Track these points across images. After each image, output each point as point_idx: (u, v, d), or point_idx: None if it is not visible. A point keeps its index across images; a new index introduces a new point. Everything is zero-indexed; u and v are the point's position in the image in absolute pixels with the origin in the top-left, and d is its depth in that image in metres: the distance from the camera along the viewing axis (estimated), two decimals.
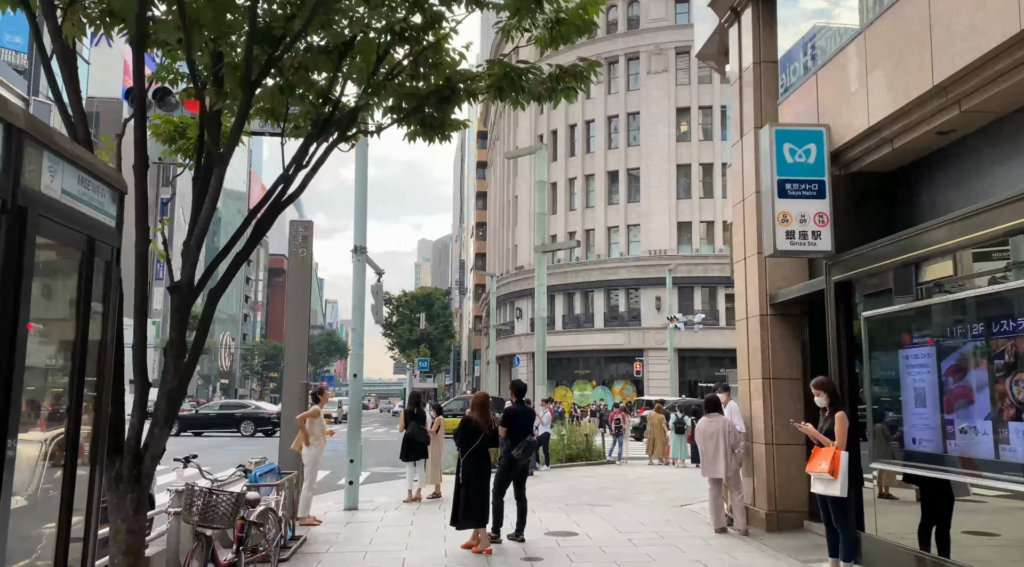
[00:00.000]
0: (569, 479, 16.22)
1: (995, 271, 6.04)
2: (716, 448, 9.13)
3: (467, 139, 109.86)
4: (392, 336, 73.79)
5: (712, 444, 9.16)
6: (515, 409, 8.79)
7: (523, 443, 8.44)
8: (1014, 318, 5.36)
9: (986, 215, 5.63)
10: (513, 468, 8.61)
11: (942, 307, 6.36)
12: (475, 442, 8.13)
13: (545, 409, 19.58)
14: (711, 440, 9.17)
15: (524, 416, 8.81)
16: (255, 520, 5.88)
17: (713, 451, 9.15)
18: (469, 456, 8.14)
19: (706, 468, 9.21)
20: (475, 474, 8.09)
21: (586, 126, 51.53)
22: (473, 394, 8.67)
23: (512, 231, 57.06)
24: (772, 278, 9.38)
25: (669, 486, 14.61)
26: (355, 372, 11.36)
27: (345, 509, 10.99)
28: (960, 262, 6.37)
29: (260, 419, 32.80)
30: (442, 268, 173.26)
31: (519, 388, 9.00)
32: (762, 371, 9.30)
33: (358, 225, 11.47)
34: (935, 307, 6.45)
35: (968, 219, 5.84)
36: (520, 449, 8.42)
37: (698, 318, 39.22)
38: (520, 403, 8.94)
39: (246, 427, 32.50)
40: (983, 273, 6.22)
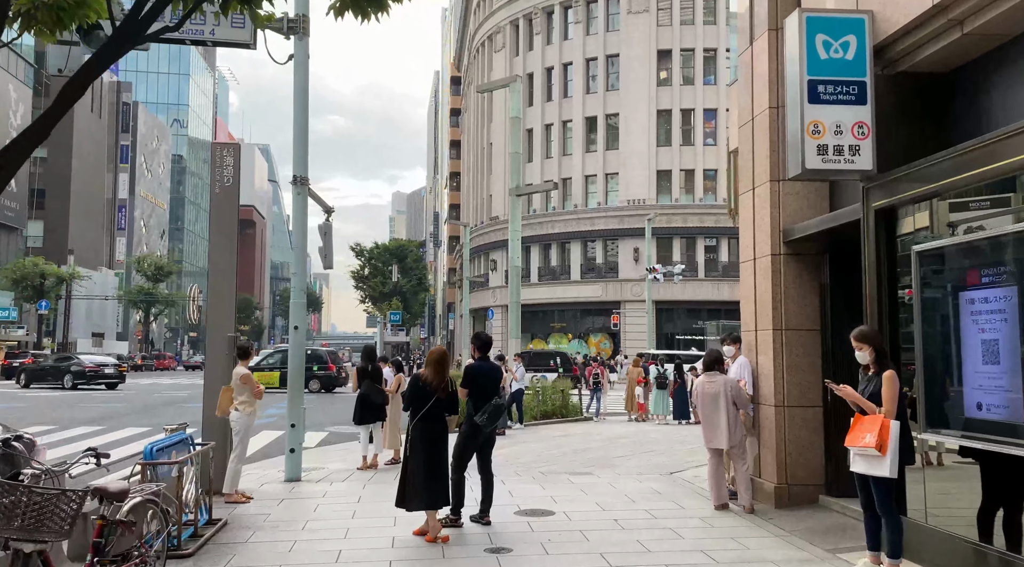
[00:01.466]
0: (545, 439, 14.89)
1: None
2: (717, 412, 7.70)
3: (440, 87, 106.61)
4: (364, 289, 72.02)
5: (713, 407, 7.73)
6: (478, 366, 7.29)
7: (488, 407, 6.97)
8: None
9: None
10: (476, 437, 7.15)
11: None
12: (425, 406, 6.65)
13: (519, 364, 18.18)
14: (712, 403, 7.74)
15: (489, 375, 7.32)
16: (124, 519, 4.34)
17: (714, 416, 7.73)
18: (417, 422, 6.67)
19: (707, 436, 7.80)
20: (424, 444, 6.62)
21: (563, 69, 49.40)
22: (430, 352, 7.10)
23: (487, 180, 55.16)
24: (787, 210, 7.88)
25: (654, 448, 13.31)
26: (296, 323, 9.76)
27: (285, 480, 9.51)
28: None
29: (78, 373, 32.25)
30: (417, 221, 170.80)
31: (483, 341, 7.47)
32: (772, 321, 7.86)
33: (298, 151, 9.76)
34: (1016, 238, 4.98)
35: None
36: (485, 414, 6.95)
37: (678, 269, 37.95)
38: (484, 359, 7.42)
39: (68, 380, 32.27)
40: None
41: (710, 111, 46.73)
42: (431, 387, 6.69)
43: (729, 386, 7.83)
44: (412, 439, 6.66)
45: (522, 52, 50.47)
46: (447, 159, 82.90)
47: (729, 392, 7.79)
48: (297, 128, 9.66)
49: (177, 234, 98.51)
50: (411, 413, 6.75)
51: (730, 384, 7.80)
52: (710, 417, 7.75)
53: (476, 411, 6.96)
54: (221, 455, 8.18)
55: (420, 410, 6.67)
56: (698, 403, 7.90)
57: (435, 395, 6.67)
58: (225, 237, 8.75)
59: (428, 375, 6.74)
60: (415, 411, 6.70)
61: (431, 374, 6.74)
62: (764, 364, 8.03)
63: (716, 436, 7.70)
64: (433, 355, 6.87)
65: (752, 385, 8.20)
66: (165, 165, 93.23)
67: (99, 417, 19.42)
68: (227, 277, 8.71)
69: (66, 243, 62.05)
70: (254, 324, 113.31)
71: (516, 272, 19.57)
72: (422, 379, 6.74)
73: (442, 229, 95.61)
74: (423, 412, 6.66)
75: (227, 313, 8.66)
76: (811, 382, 7.77)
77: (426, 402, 6.65)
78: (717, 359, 8.10)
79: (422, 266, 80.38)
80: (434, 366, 6.79)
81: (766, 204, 8.00)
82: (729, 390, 7.79)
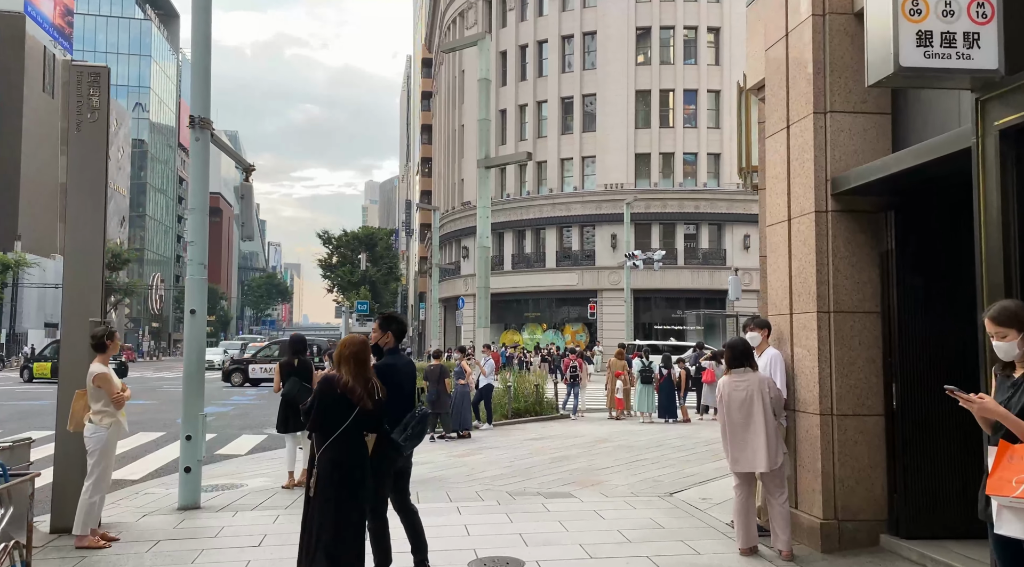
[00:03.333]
0: (516, 443, 12.86)
1: None
2: (751, 424, 5.65)
3: (412, 71, 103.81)
4: (332, 278, 69.44)
5: (744, 417, 5.68)
6: (391, 362, 5.14)
7: (410, 420, 4.86)
8: None
9: None
10: (395, 463, 5.03)
11: None
12: (343, 424, 4.53)
13: (488, 357, 16.13)
14: (743, 411, 5.69)
15: (407, 374, 5.20)
16: None
17: (746, 429, 5.67)
18: (328, 449, 4.55)
19: (734, 455, 5.75)
20: (338, 484, 4.51)
21: (538, 47, 47.21)
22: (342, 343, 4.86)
23: (458, 163, 52.89)
24: (837, 153, 5.87)
25: (643, 454, 11.32)
26: (193, 307, 7.57)
27: (178, 508, 7.37)
28: None
29: None
30: (389, 210, 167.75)
31: (394, 327, 5.25)
32: (816, 301, 5.86)
33: (198, 85, 7.58)
34: None
35: None
36: (407, 431, 4.84)
37: (658, 255, 36.06)
38: (396, 353, 5.22)
39: None
40: None
41: (690, 92, 44.85)
42: (352, 395, 4.57)
43: (766, 387, 5.78)
44: (320, 475, 4.54)
45: (495, 29, 48.18)
46: (419, 144, 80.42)
47: (767, 395, 5.73)
48: (197, 53, 7.48)
49: (139, 221, 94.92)
50: (318, 435, 4.63)
51: (767, 384, 5.79)
52: (740, 431, 5.69)
53: (393, 425, 4.84)
54: (76, 484, 6.03)
55: (335, 430, 4.55)
56: (723, 412, 5.84)
57: (357, 407, 4.56)
58: (86, 192, 6.55)
59: (347, 377, 4.61)
60: (326, 432, 4.57)
61: (350, 375, 4.61)
62: (803, 359, 6.03)
63: (750, 456, 5.64)
64: (348, 348, 4.70)
65: (785, 386, 6.21)
66: (125, 150, 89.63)
67: None
68: (90, 244, 6.53)
69: (15, 229, 58.81)
70: (220, 314, 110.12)
71: (485, 254, 17.49)
72: (338, 385, 4.60)
73: (414, 217, 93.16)
74: (338, 433, 4.54)
75: (89, 291, 6.48)
76: (870, 383, 5.80)
77: (344, 419, 4.53)
78: (746, 351, 5.99)
79: (393, 254, 77.92)
80: (352, 364, 4.65)
81: (808, 145, 5.98)
82: (767, 393, 5.74)
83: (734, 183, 44.14)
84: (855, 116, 5.86)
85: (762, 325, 6.53)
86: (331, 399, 4.54)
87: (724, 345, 6.21)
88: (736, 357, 5.87)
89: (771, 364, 6.24)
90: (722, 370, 18.86)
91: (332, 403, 4.53)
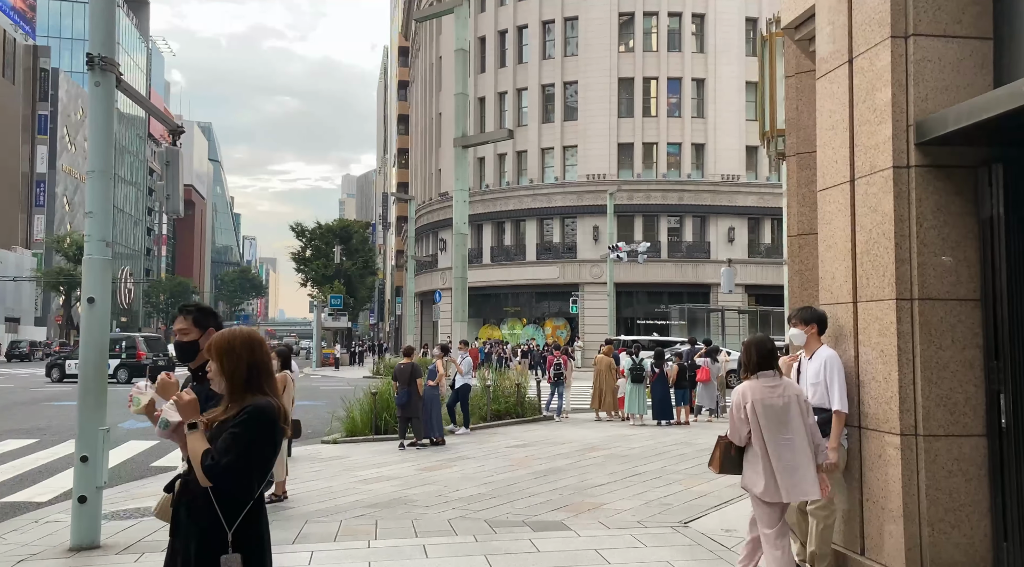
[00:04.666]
0: (496, 451, 11.40)
1: None
2: (791, 440, 4.37)
3: (389, 62, 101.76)
4: (306, 271, 67.44)
5: (780, 433, 4.38)
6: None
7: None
8: None
9: None
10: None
11: None
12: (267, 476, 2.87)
13: (464, 354, 14.64)
14: (782, 422, 4.39)
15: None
16: None
17: (785, 446, 4.37)
18: (256, 516, 2.87)
19: (786, 481, 4.35)
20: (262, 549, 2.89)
21: (518, 32, 45.69)
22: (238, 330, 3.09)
23: (436, 153, 51.26)
24: (922, 89, 4.45)
25: (641, 466, 9.90)
26: (92, 294, 6.00)
27: (69, 549, 5.83)
28: None
29: None
30: (367, 204, 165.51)
31: (215, 322, 3.74)
32: (894, 284, 4.44)
33: (97, 16, 6.03)
34: None
35: None
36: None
37: (643, 247, 34.72)
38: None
39: None
40: None
41: (674, 81, 43.56)
42: (285, 425, 2.92)
43: (804, 396, 4.51)
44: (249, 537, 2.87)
45: (473, 14, 46.51)
46: (395, 135, 78.64)
47: (805, 406, 4.46)
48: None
49: None
50: (242, 500, 2.90)
51: (802, 392, 4.50)
52: (786, 450, 4.34)
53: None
54: None
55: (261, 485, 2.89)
56: (755, 426, 4.42)
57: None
58: None
59: (277, 400, 2.93)
60: (256, 490, 2.90)
61: (274, 394, 2.94)
62: (873, 362, 4.62)
63: (799, 482, 4.32)
64: (256, 347, 3.05)
65: (846, 398, 4.80)
66: None
67: None
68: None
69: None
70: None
71: (462, 242, 16.00)
72: (280, 414, 2.95)
73: (391, 210, 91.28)
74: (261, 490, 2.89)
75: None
76: (968, 394, 4.39)
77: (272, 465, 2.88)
78: (774, 352, 4.63)
79: (369, 248, 76.00)
80: (268, 374, 3.02)
81: (882, 81, 4.55)
82: (805, 403, 4.47)
83: (718, 174, 42.99)
84: (947, 41, 4.44)
85: (808, 319, 5.09)
86: (271, 429, 2.87)
87: (744, 343, 4.82)
88: (764, 357, 4.51)
89: (825, 369, 4.83)
90: (720, 369, 17.50)
91: (271, 436, 2.87)
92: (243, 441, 2.57)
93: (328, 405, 17.39)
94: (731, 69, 43.29)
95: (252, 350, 2.72)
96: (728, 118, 43.13)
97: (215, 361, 2.71)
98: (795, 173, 7.18)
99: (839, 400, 4.77)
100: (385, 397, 13.45)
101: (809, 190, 7.05)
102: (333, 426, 13.81)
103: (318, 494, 8.29)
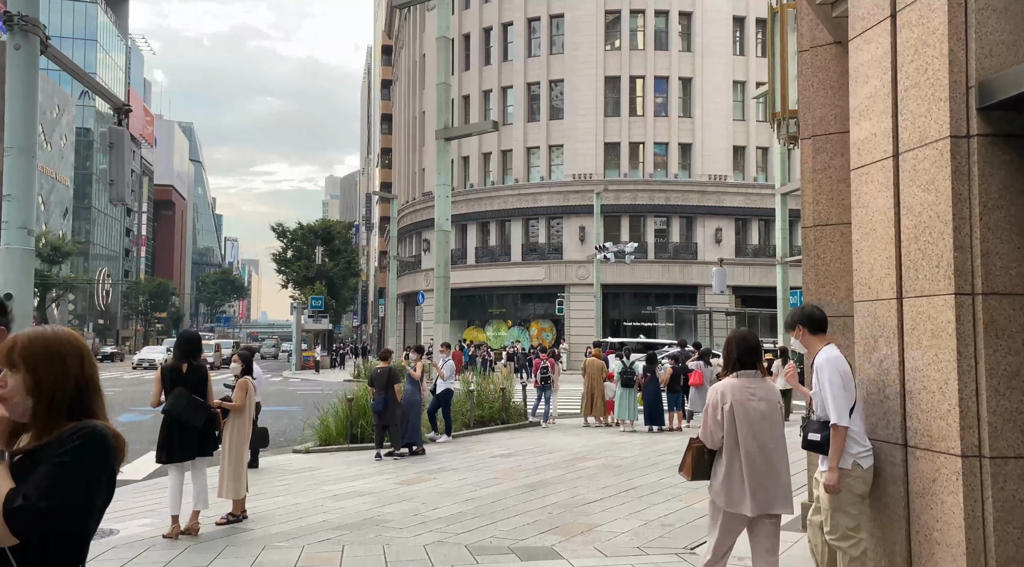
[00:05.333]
0: (479, 462, 10.64)
1: None
2: (775, 445, 4.17)
3: (373, 62, 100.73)
4: (286, 272, 66.30)
5: (769, 436, 4.16)
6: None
7: None
8: None
9: None
10: None
11: None
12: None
13: (447, 357, 13.88)
14: (763, 427, 4.15)
15: None
16: None
17: (769, 453, 4.14)
18: None
19: (759, 491, 4.09)
20: None
21: (503, 30, 44.95)
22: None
23: (419, 152, 50.43)
24: (984, 44, 3.74)
25: (636, 478, 9.16)
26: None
27: None
28: None
29: None
30: (350, 205, 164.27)
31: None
32: (953, 277, 3.73)
33: None
34: None
35: None
36: None
37: (630, 248, 34.06)
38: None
39: None
40: None
41: (661, 80, 42.98)
42: None
43: (779, 401, 4.26)
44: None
45: (458, 10, 45.77)
46: (379, 135, 77.71)
47: (781, 411, 4.24)
48: None
49: (84, 213, 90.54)
50: (69, 556, 1.91)
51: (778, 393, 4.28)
52: (763, 457, 4.11)
53: None
54: None
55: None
56: (730, 427, 4.08)
57: None
58: None
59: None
60: (82, 551, 1.89)
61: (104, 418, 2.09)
62: (925, 367, 3.90)
63: (773, 492, 4.13)
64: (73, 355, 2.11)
65: (844, 407, 4.13)
66: (68, 138, 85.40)
67: None
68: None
69: None
70: (171, 311, 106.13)
71: (444, 239, 15.22)
72: (120, 446, 1.99)
73: (374, 210, 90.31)
74: None
75: None
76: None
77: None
78: (757, 349, 4.29)
79: (352, 249, 74.98)
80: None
81: (935, 35, 3.84)
82: (780, 409, 4.24)
83: (706, 174, 42.43)
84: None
85: (791, 322, 4.70)
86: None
87: (727, 338, 4.42)
88: (747, 354, 4.20)
89: (817, 376, 4.26)
90: (713, 372, 16.77)
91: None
92: (73, 476, 1.75)
93: (304, 411, 16.56)
94: (719, 68, 42.79)
95: (83, 360, 1.90)
96: (715, 118, 42.62)
97: (23, 372, 1.85)
98: (810, 158, 6.48)
99: (835, 411, 4.14)
100: (361, 403, 12.65)
101: (825, 176, 6.37)
102: (306, 434, 13.00)
103: (282, 513, 7.50)
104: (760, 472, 4.07)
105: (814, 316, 4.53)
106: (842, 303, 6.05)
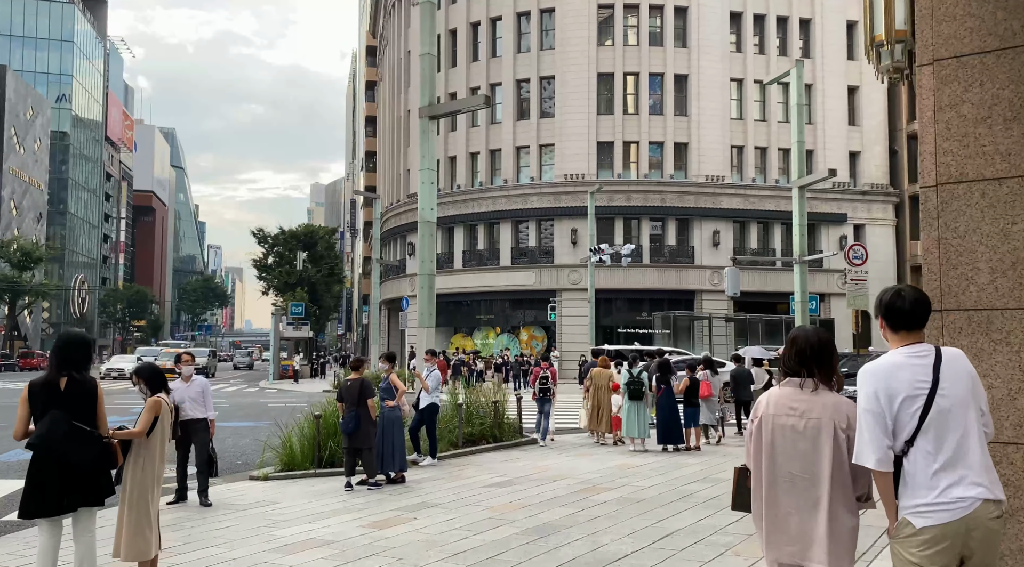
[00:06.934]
0: (469, 493, 8.75)
1: None
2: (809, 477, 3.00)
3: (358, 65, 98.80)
4: (268, 279, 64.11)
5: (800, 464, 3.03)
6: None
7: None
8: None
9: None
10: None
11: None
12: None
13: (432, 366, 11.97)
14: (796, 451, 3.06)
15: None
16: None
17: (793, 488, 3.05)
18: None
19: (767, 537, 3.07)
20: None
21: (492, 25, 43.23)
22: None
23: (404, 153, 48.57)
24: None
25: (669, 521, 7.31)
26: None
27: None
28: None
29: None
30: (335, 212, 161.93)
31: None
32: None
33: None
34: None
35: None
36: None
37: (626, 249, 32.28)
38: None
39: None
40: None
41: (655, 77, 41.37)
42: None
43: (844, 420, 3.02)
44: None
45: (444, 5, 44.06)
46: (363, 138, 75.79)
47: (843, 434, 3.00)
48: None
49: (59, 219, 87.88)
50: None
51: (846, 413, 3.02)
52: (784, 491, 3.06)
53: None
54: None
55: None
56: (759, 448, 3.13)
57: None
58: None
59: None
60: None
61: None
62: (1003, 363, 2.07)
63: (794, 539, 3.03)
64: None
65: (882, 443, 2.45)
66: (43, 141, 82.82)
67: None
68: None
69: None
70: (151, 319, 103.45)
71: (428, 231, 13.35)
72: None
73: (358, 215, 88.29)
74: None
75: None
76: None
77: None
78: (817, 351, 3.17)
79: (335, 255, 72.86)
80: None
81: None
82: (843, 431, 3.00)
83: (702, 175, 40.80)
84: None
85: (876, 312, 2.99)
86: None
87: (789, 334, 3.30)
88: (801, 357, 3.14)
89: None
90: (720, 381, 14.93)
91: None
92: None
93: (274, 427, 14.61)
94: (715, 65, 41.25)
95: None
96: (712, 116, 41.04)
97: None
98: (931, 91, 4.70)
99: (858, 450, 2.90)
100: (331, 420, 10.74)
101: (957, 114, 4.60)
102: (267, 457, 11.04)
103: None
104: (784, 510, 3.02)
105: (894, 307, 3.02)
106: (984, 291, 4.31)
